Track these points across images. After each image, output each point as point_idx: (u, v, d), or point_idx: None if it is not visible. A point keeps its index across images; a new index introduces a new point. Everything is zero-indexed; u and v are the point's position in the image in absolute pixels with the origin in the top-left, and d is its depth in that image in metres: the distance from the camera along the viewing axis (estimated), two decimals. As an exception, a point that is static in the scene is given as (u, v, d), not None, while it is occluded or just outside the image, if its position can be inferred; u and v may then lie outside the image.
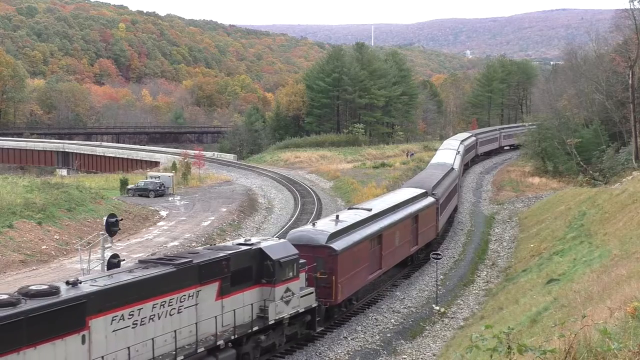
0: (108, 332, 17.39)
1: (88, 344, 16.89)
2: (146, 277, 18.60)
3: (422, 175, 49.86)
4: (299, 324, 24.59)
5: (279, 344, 23.79)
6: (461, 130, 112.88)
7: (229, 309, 21.16)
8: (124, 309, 17.74)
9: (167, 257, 21.40)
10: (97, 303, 17.09)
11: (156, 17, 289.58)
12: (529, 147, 76.26)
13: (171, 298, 19.12)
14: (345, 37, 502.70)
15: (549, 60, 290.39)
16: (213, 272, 20.62)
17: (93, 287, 17.46)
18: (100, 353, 16.96)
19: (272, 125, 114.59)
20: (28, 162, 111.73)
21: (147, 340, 18.17)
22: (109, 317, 17.39)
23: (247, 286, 22.13)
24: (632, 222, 28.29)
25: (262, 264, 22.66)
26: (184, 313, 19.48)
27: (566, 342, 7.32)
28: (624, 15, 66.81)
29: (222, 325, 20.86)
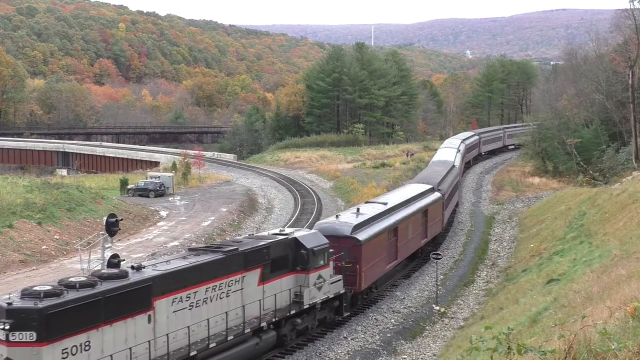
0: (169, 312, 19.01)
1: (153, 323, 18.47)
2: (200, 263, 20.37)
3: (426, 172, 51.54)
4: (328, 309, 26.37)
5: (311, 327, 25.59)
6: (461, 130, 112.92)
7: (269, 293, 23.07)
8: (182, 292, 19.42)
9: (215, 245, 23.69)
10: (161, 286, 18.68)
11: (156, 17, 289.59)
12: (529, 147, 76.29)
13: (221, 282, 20.90)
14: (345, 37, 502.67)
15: (549, 60, 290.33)
16: (256, 260, 22.51)
17: (156, 271, 19.04)
18: (163, 332, 18.52)
19: (272, 125, 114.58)
20: (28, 162, 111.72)
21: (202, 321, 19.85)
22: (170, 299, 19.04)
23: (284, 273, 24.06)
24: (632, 222, 28.30)
25: (297, 252, 24.60)
26: (231, 297, 21.32)
27: (566, 342, 7.32)
28: (624, 15, 66.82)
29: (264, 309, 22.69)
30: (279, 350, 23.67)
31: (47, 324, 15.77)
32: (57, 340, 16.02)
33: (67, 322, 16.20)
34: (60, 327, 16.03)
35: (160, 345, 18.49)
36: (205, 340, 20.02)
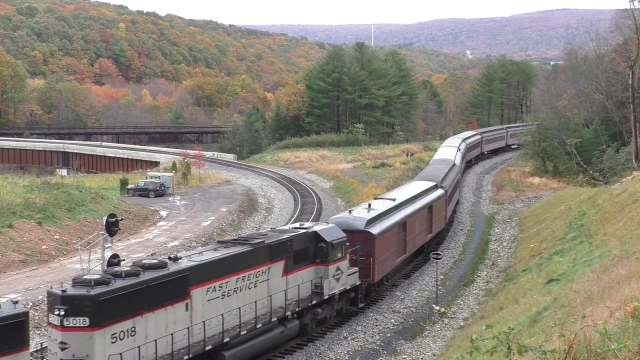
0: (204, 301, 20.12)
1: (190, 311, 19.55)
2: (230, 254, 21.58)
3: (429, 170, 52.59)
4: (345, 299, 27.60)
5: (329, 317, 26.82)
6: (461, 130, 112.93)
7: (293, 284, 24.32)
8: (215, 282, 20.56)
9: (242, 237, 24.77)
10: (196, 276, 19.79)
11: (156, 17, 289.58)
12: (529, 147, 76.30)
13: (249, 273, 22.15)
14: (345, 37, 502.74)
15: (549, 60, 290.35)
16: (280, 252, 23.76)
17: (191, 262, 20.16)
18: (198, 319, 19.71)
19: (272, 125, 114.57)
20: (28, 162, 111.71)
21: (233, 310, 21.11)
22: (205, 288, 20.18)
23: (305, 265, 25.28)
24: (632, 222, 28.29)
25: (317, 245, 25.78)
26: (259, 287, 22.55)
27: (566, 342, 7.32)
28: (624, 15, 66.79)
29: (287, 299, 23.90)
30: (278, 351, 23.70)
31: (99, 310, 16.78)
32: (107, 325, 17.01)
33: (116, 309, 17.23)
34: (110, 313, 17.06)
35: (197, 332, 19.63)
36: (237, 328, 21.21)
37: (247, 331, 21.62)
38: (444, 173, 48.71)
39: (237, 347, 21.27)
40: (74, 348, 16.76)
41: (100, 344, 16.87)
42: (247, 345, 21.69)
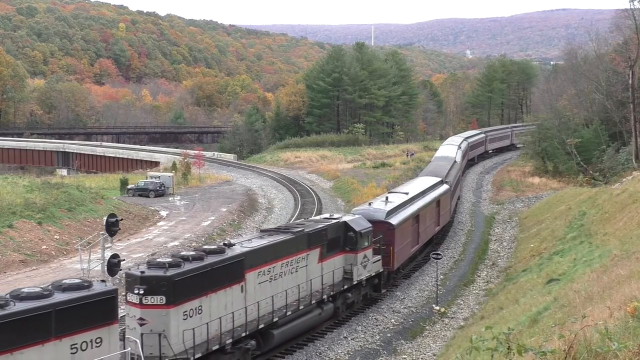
0: (255, 284, 22.07)
1: (244, 293, 21.52)
2: (276, 241, 23.63)
3: (432, 166, 54.30)
4: (369, 285, 29.76)
5: (357, 301, 28.88)
6: (461, 130, 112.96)
7: (327, 270, 26.47)
8: (265, 266, 22.56)
9: (283, 227, 27.02)
10: (250, 260, 21.76)
11: (156, 17, 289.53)
12: (529, 147, 76.30)
13: (292, 259, 24.17)
14: (345, 37, 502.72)
15: (549, 60, 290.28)
16: (317, 240, 25.84)
17: (244, 248, 22.20)
18: (251, 301, 21.66)
19: (272, 125, 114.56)
20: (28, 162, 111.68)
21: (280, 292, 23.18)
22: (257, 272, 22.15)
23: (336, 252, 27.34)
24: (632, 222, 28.29)
25: (347, 234, 27.84)
26: (299, 272, 24.64)
27: (566, 342, 7.32)
28: (624, 15, 66.79)
29: (322, 284, 25.99)
30: (278, 350, 23.72)
31: (174, 289, 18.71)
32: (180, 303, 18.92)
33: (187, 289, 19.13)
34: (182, 293, 18.97)
35: (250, 311, 21.62)
36: (283, 309, 23.34)
37: (292, 312, 23.81)
38: (447, 169, 50.86)
39: (283, 327, 23.33)
40: (151, 324, 18.52)
41: (175, 320, 18.75)
42: (292, 325, 23.85)
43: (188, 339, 18.96)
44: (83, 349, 16.24)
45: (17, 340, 14.99)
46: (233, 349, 20.79)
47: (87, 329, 16.37)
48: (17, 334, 15.04)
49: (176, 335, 18.71)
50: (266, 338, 22.60)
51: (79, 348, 16.16)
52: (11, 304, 15.28)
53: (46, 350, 15.50)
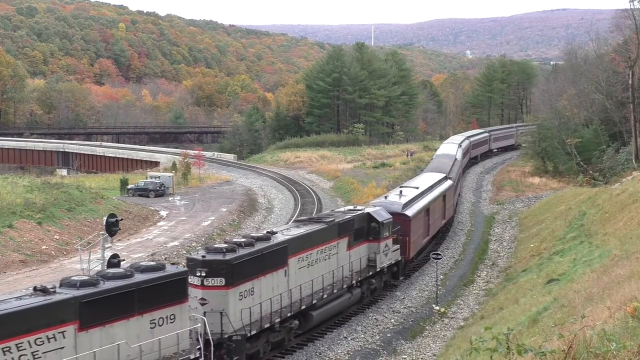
0: (296, 269, 24.29)
1: (287, 277, 23.76)
2: (312, 230, 26.13)
3: (435, 163, 56.01)
4: (389, 273, 32.04)
5: (378, 287, 31.35)
6: (461, 130, 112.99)
7: (354, 258, 28.71)
8: (303, 253, 24.83)
9: (315, 217, 29.88)
10: (292, 247, 23.96)
11: (156, 17, 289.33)
12: (529, 147, 76.28)
13: (325, 247, 26.50)
14: (345, 37, 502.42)
15: (549, 60, 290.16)
16: (345, 229, 28.12)
17: (286, 235, 24.62)
18: (293, 284, 23.97)
19: (272, 125, 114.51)
20: (28, 162, 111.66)
21: (316, 277, 25.57)
22: (297, 258, 24.42)
23: (362, 241, 29.63)
24: (632, 222, 28.29)
25: (370, 224, 30.12)
26: (331, 259, 26.90)
27: (565, 342, 7.32)
28: (624, 15, 66.75)
29: (350, 270, 28.23)
30: (278, 351, 23.73)
31: (232, 272, 20.83)
32: (237, 285, 21.03)
33: (242, 272, 21.28)
34: (238, 275, 21.09)
35: (293, 294, 23.79)
36: (320, 292, 25.65)
37: (327, 295, 26.17)
38: (449, 166, 52.64)
39: (320, 308, 25.70)
40: (212, 303, 20.46)
41: (233, 300, 20.84)
42: (327, 307, 26.23)
43: (245, 317, 21.15)
44: (160, 325, 18.05)
45: (108, 315, 16.67)
46: (280, 328, 23.19)
47: (163, 306, 18.14)
48: (108, 310, 16.69)
49: (234, 313, 20.78)
50: (306, 319, 24.91)
51: (157, 323, 17.96)
52: (102, 283, 16.85)
53: (131, 324, 17.25)
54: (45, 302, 15.65)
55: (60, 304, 15.81)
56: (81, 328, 16.15)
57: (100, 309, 16.49)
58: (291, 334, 24.19)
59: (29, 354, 14.94)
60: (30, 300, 15.69)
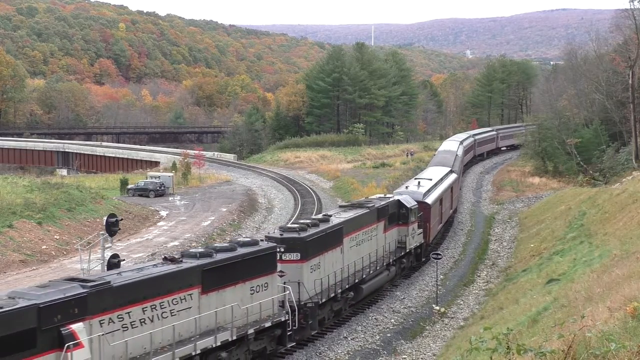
0: (348, 247, 27.87)
1: (342, 254, 27.24)
2: (359, 214, 29.77)
3: (439, 158, 59.23)
4: (413, 254, 35.89)
5: (407, 267, 35.17)
6: (461, 130, 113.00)
7: (389, 240, 32.58)
8: (353, 234, 28.50)
9: (357, 202, 33.44)
10: (346, 228, 27.64)
11: (156, 17, 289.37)
12: (529, 147, 76.28)
13: (368, 229, 30.11)
14: (345, 37, 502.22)
15: (549, 60, 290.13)
16: (382, 214, 31.77)
17: (340, 218, 28.33)
18: (347, 261, 27.56)
19: (272, 125, 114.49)
20: (28, 162, 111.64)
21: (363, 255, 29.24)
22: (350, 238, 28.02)
23: (394, 225, 33.37)
24: (632, 222, 28.28)
25: (399, 210, 33.89)
26: (372, 240, 30.58)
27: (565, 342, 7.32)
28: (624, 15, 66.72)
29: (385, 251, 32.08)
30: (278, 351, 23.70)
31: (306, 248, 24.15)
32: (309, 259, 24.35)
33: (313, 248, 24.68)
34: (310, 250, 24.44)
35: (347, 269, 27.45)
36: (366, 268, 29.32)
37: (372, 271, 29.86)
38: (452, 161, 56.06)
39: (368, 282, 29.52)
40: (289, 275, 23.50)
41: (306, 272, 24.12)
42: (372, 282, 29.97)
43: (316, 287, 24.68)
44: (257, 291, 21.42)
45: (221, 281, 19.91)
46: (340, 298, 26.91)
47: (259, 275, 21.49)
48: (221, 277, 19.88)
49: (307, 283, 24.12)
50: (357, 291, 28.51)
51: (255, 290, 21.33)
52: (214, 255, 20.12)
53: (237, 290, 20.60)
54: (178, 269, 18.78)
55: (188, 271, 18.99)
56: (203, 291, 19.36)
57: (215, 276, 19.73)
58: (347, 304, 28.00)
59: (167, 311, 18.12)
60: (165, 268, 18.75)
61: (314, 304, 24.15)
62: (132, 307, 17.12)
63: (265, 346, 22.02)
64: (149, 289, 17.59)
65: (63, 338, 15.35)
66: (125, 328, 16.91)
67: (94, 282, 16.75)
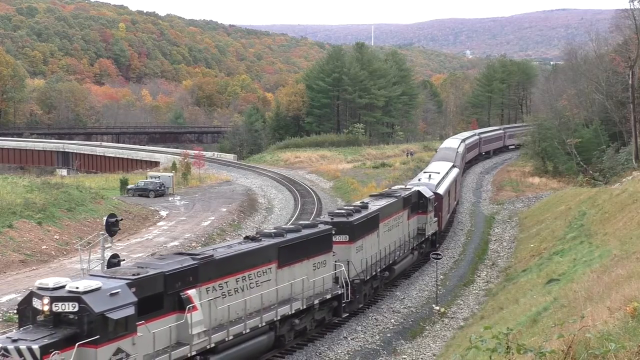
0: (382, 232, 30.87)
1: (378, 237, 30.53)
2: (390, 202, 32.95)
3: (441, 154, 62.03)
4: (430, 240, 38.97)
5: (424, 252, 38.10)
6: (461, 130, 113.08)
7: (412, 227, 35.96)
8: (386, 220, 31.64)
9: (386, 193, 36.69)
10: (381, 215, 30.76)
11: (156, 17, 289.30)
12: (529, 147, 76.26)
13: (396, 216, 33.35)
14: (345, 37, 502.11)
15: (549, 60, 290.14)
16: (407, 203, 35.05)
17: (376, 206, 31.26)
18: (382, 244, 30.86)
19: (272, 125, 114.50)
20: (28, 162, 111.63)
21: (394, 239, 32.72)
22: (383, 223, 31.15)
23: (415, 213, 36.56)
24: (632, 222, 28.27)
25: (419, 200, 37.15)
26: (400, 226, 33.83)
27: (565, 342, 7.32)
28: (624, 15, 66.71)
29: (409, 236, 35.32)
30: (278, 351, 23.72)
31: (353, 230, 27.47)
32: (356, 241, 27.65)
33: (358, 231, 27.82)
34: (356, 233, 27.65)
35: (382, 251, 30.75)
36: (396, 251, 32.75)
37: (401, 254, 33.39)
38: (453, 157, 59.13)
39: (399, 264, 33.18)
40: (339, 254, 26.49)
41: (354, 252, 27.38)
42: (402, 263, 33.61)
43: (362, 266, 28.12)
44: (317, 268, 24.78)
45: (291, 257, 23.26)
46: (378, 277, 30.31)
47: (319, 254, 24.91)
48: (292, 254, 23.26)
49: (355, 262, 27.27)
50: (390, 271, 32.14)
51: (316, 266, 24.73)
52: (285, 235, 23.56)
53: (303, 266, 23.93)
54: (261, 246, 22.18)
55: (268, 248, 22.35)
56: (279, 266, 22.69)
57: (288, 253, 23.07)
58: (382, 282, 31.59)
59: (253, 282, 21.41)
60: (250, 245, 22.12)
61: (360, 280, 27.74)
62: (229, 278, 20.42)
63: (324, 316, 25.76)
64: (240, 262, 21.02)
65: (182, 301, 18.50)
66: (224, 295, 20.12)
67: (201, 255, 19.97)
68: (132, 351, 16.68)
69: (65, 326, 16.14)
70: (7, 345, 15.37)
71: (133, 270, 18.09)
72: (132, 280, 17.23)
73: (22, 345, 15.33)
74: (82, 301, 16.01)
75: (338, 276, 26.08)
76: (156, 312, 17.69)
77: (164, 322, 17.88)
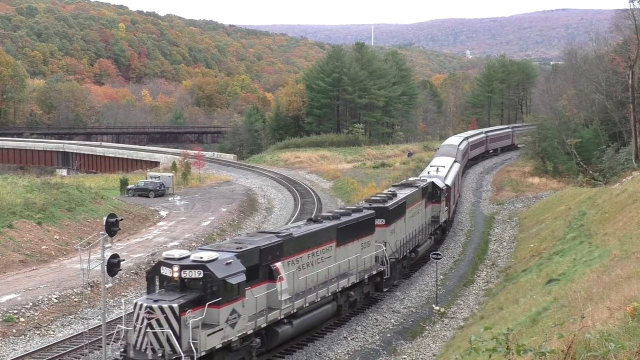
0: (408, 218, 34.33)
1: (405, 223, 33.76)
2: (413, 191, 36.34)
3: (443, 150, 65.09)
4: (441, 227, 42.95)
5: (437, 238, 41.90)
6: (461, 130, 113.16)
7: (429, 215, 39.80)
8: (411, 207, 35.00)
9: (407, 182, 40.46)
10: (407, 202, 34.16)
11: (156, 17, 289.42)
12: (529, 147, 76.25)
13: (418, 204, 36.77)
14: (345, 37, 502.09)
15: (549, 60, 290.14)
16: (425, 193, 38.90)
17: (402, 194, 34.62)
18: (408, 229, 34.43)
19: (272, 125, 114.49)
20: (28, 162, 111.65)
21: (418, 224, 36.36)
22: (409, 210, 34.36)
23: (431, 202, 40.30)
24: (632, 222, 28.27)
25: (434, 191, 40.89)
26: (420, 213, 37.30)
27: (565, 342, 7.32)
28: (624, 15, 66.70)
29: (427, 223, 38.87)
30: (277, 351, 23.73)
31: (389, 215, 30.85)
32: (390, 224, 31.02)
33: (393, 216, 31.25)
34: (391, 217, 31.10)
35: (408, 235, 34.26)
36: (418, 235, 36.22)
37: (422, 238, 36.88)
38: (455, 152, 61.86)
39: (421, 247, 36.52)
40: (377, 236, 29.69)
41: (389, 234, 30.94)
42: (422, 246, 36.91)
43: (397, 246, 31.85)
44: (363, 247, 28.41)
45: (346, 237, 26.82)
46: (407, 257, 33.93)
47: (365, 235, 28.55)
48: (346, 234, 26.81)
49: (390, 243, 30.90)
50: (415, 253, 35.54)
51: (363, 246, 28.34)
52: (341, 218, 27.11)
53: (354, 245, 27.54)
54: (324, 227, 25.76)
55: (330, 229, 26.02)
56: (337, 245, 26.28)
57: (344, 233, 26.60)
58: (409, 262, 34.96)
59: (319, 258, 25.11)
60: (315, 225, 25.84)
61: (396, 259, 31.43)
62: (303, 253, 23.98)
63: (369, 290, 29.46)
64: (310, 240, 24.57)
65: (272, 272, 22.06)
66: (299, 269, 23.66)
67: (283, 233, 23.70)
68: (242, 312, 20.24)
69: (191, 290, 19.38)
70: (151, 304, 18.70)
71: (235, 245, 21.66)
72: (239, 253, 20.72)
73: (165, 304, 18.60)
74: (207, 268, 19.32)
75: (378, 255, 29.64)
76: (254, 280, 21.03)
77: (260, 290, 21.34)
